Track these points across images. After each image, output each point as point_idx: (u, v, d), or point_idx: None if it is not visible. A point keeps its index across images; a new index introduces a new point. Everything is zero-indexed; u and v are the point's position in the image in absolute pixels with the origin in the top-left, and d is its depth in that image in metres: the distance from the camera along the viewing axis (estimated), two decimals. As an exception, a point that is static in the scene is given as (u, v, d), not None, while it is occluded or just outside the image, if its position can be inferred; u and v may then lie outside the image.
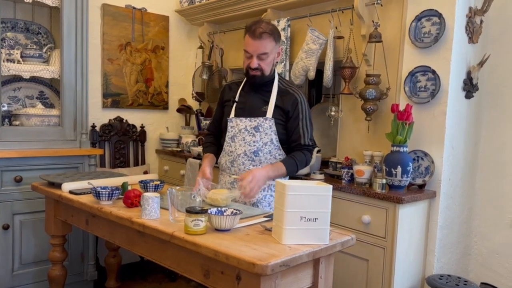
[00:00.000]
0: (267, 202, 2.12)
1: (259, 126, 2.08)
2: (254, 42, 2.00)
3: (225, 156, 2.18)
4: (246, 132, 2.09)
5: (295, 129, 2.08)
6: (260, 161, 2.09)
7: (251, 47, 2.02)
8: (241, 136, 2.10)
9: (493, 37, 2.50)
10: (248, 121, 2.10)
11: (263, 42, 1.99)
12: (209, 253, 1.39)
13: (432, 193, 2.29)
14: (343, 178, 2.42)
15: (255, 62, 2.03)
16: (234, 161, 2.13)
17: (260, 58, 2.03)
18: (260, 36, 1.99)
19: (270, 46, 2.03)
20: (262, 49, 2.01)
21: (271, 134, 2.08)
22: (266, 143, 2.09)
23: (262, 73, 2.06)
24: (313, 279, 1.52)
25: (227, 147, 2.16)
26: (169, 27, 3.77)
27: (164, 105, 3.80)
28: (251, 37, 2.00)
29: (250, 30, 2.01)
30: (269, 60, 2.05)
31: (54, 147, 2.72)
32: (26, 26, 2.93)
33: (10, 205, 2.56)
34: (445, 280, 2.19)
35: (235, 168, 2.13)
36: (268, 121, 2.08)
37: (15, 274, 2.60)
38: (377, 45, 2.48)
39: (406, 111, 2.22)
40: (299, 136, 2.08)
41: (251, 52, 2.03)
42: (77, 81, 2.78)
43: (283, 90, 2.12)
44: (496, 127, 2.53)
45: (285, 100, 2.09)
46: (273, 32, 2.03)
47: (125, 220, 1.72)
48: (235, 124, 2.13)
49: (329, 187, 1.47)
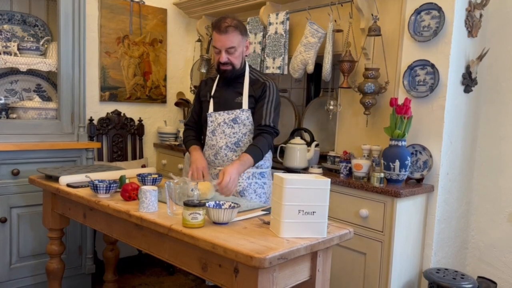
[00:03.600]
0: (252, 190, 2.20)
1: (237, 118, 2.16)
2: (221, 37, 2.06)
3: (208, 150, 2.24)
4: (225, 125, 2.17)
5: (258, 110, 2.15)
6: (242, 151, 2.16)
7: (219, 42, 2.08)
8: (220, 129, 2.18)
9: (492, 31, 2.49)
10: (226, 114, 2.17)
11: (229, 36, 2.06)
12: (207, 246, 1.39)
13: (430, 187, 2.29)
14: (341, 172, 2.42)
15: (224, 57, 2.10)
16: (217, 154, 2.20)
17: (229, 52, 2.09)
18: (226, 31, 2.05)
19: (237, 40, 2.09)
20: (229, 43, 2.07)
21: (249, 125, 2.17)
22: (245, 133, 2.18)
23: (232, 67, 2.13)
24: (311, 272, 1.52)
25: (209, 141, 2.23)
26: (167, 20, 3.75)
27: (162, 98, 3.79)
28: (218, 32, 2.07)
29: (216, 26, 2.08)
30: (237, 54, 2.11)
31: (51, 140, 2.71)
32: (23, 18, 2.91)
33: (7, 198, 2.56)
34: (442, 274, 2.20)
35: (219, 160, 2.21)
36: (245, 112, 2.16)
37: (13, 268, 2.60)
38: (376, 39, 2.47)
39: (405, 105, 2.21)
40: (260, 116, 2.14)
41: (219, 47, 2.09)
42: (74, 74, 2.77)
43: (254, 80, 2.19)
44: (495, 122, 2.53)
45: (255, 88, 2.17)
46: (238, 26, 2.08)
47: (123, 213, 1.72)
48: (214, 118, 2.20)
49: (327, 180, 1.47)
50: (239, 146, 2.18)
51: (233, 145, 2.18)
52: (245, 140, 2.18)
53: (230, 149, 2.18)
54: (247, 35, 2.19)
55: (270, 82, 2.19)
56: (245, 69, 2.21)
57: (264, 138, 2.11)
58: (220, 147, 2.18)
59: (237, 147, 2.18)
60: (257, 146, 2.08)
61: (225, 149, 2.18)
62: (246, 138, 2.18)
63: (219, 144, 2.18)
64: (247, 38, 2.18)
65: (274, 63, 2.94)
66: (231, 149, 2.18)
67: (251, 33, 3.13)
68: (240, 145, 2.18)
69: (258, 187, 2.23)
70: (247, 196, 2.19)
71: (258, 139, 2.11)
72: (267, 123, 2.13)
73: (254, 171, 2.22)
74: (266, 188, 2.26)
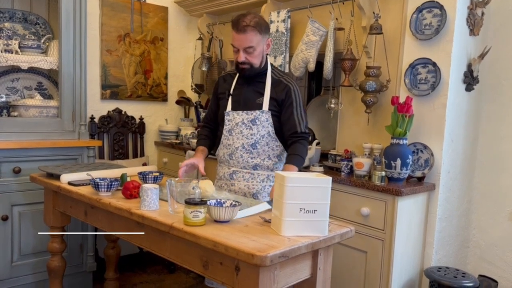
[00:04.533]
0: (266, 193, 2.13)
1: (256, 119, 2.08)
2: (239, 36, 1.99)
3: (223, 149, 2.18)
4: (243, 125, 2.10)
5: (290, 117, 2.08)
6: (258, 153, 2.10)
7: (237, 41, 2.01)
8: (238, 130, 2.11)
9: (494, 30, 2.48)
10: (245, 114, 2.10)
11: (247, 36, 1.98)
12: (208, 244, 1.39)
13: (431, 185, 2.29)
14: (342, 170, 2.42)
15: (242, 56, 2.02)
16: (232, 154, 2.13)
17: (247, 51, 2.02)
18: (244, 30, 1.97)
19: (256, 39, 2.00)
20: (247, 43, 2.00)
21: (268, 127, 2.09)
22: (263, 135, 2.09)
23: (251, 66, 2.06)
24: (312, 271, 1.52)
25: (225, 140, 2.16)
26: (168, 18, 3.75)
27: (163, 97, 3.79)
28: (236, 31, 2.00)
29: (234, 24, 2.01)
30: (256, 53, 2.04)
31: (52, 138, 2.71)
32: (24, 16, 2.91)
33: (9, 196, 2.56)
34: (443, 272, 2.20)
35: (234, 160, 2.14)
36: (264, 114, 2.08)
37: (14, 265, 2.60)
38: (377, 37, 2.47)
39: (406, 104, 2.21)
40: (294, 124, 2.08)
41: (237, 46, 2.03)
42: (75, 72, 2.76)
43: (276, 80, 2.11)
44: (496, 120, 2.52)
45: (278, 91, 2.09)
46: (257, 25, 2.00)
47: (124, 211, 1.72)
48: (232, 118, 2.13)
49: (329, 179, 1.47)
50: (255, 148, 2.09)
51: (249, 147, 2.10)
52: (262, 143, 2.09)
53: (246, 151, 2.10)
54: (268, 33, 2.10)
55: (293, 85, 2.11)
56: (266, 68, 2.12)
57: (302, 145, 2.06)
58: (236, 147, 2.11)
59: (253, 149, 2.09)
60: (298, 155, 2.02)
61: (241, 150, 2.10)
62: (264, 140, 2.09)
63: (235, 145, 2.11)
64: (268, 36, 2.09)
65: (275, 61, 2.93)
66: (247, 151, 2.10)
67: (252, 31, 3.12)
68: (256, 147, 2.09)
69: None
70: (261, 199, 2.10)
71: (296, 147, 2.05)
72: (303, 130, 2.08)
73: (269, 173, 2.14)
74: None
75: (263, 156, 2.10)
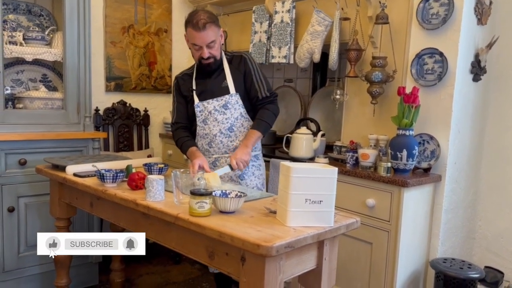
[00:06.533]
0: (251, 172, 2.24)
1: (228, 103, 2.17)
2: (200, 34, 2.05)
3: (200, 140, 2.25)
4: (216, 112, 2.17)
5: (251, 86, 2.19)
6: (236, 136, 2.20)
7: (199, 39, 2.07)
8: (212, 117, 2.18)
9: (502, 19, 2.45)
10: (215, 101, 2.18)
11: (208, 32, 2.05)
12: (214, 235, 1.39)
13: (438, 176, 2.28)
14: (348, 162, 2.40)
15: (206, 52, 2.10)
16: (211, 142, 2.21)
17: (209, 46, 2.09)
18: (204, 27, 2.04)
19: (215, 33, 2.09)
20: (209, 38, 2.07)
21: (239, 108, 2.19)
22: (236, 117, 2.19)
23: (214, 60, 2.14)
24: (317, 261, 1.52)
25: (201, 131, 2.23)
26: (172, 9, 3.73)
27: (167, 89, 3.78)
28: (196, 30, 2.05)
29: (192, 23, 2.06)
30: (217, 46, 2.13)
31: (57, 130, 2.71)
32: (28, 8, 2.90)
33: (15, 188, 2.57)
34: (449, 264, 2.19)
35: (214, 148, 2.22)
36: (234, 96, 2.17)
37: (21, 256, 2.62)
38: (384, 27, 2.44)
39: (413, 94, 2.19)
40: (256, 91, 2.19)
41: (200, 44, 2.08)
42: (80, 64, 2.76)
43: (229, 58, 2.24)
44: (503, 111, 2.50)
45: (236, 63, 2.21)
46: (213, 19, 2.09)
47: (130, 202, 1.72)
48: (203, 108, 2.20)
49: (335, 169, 1.46)
50: (232, 131, 2.19)
51: (226, 131, 2.19)
52: (237, 124, 2.19)
53: (225, 135, 2.19)
54: (219, 25, 2.18)
55: (246, 54, 2.23)
56: (222, 56, 2.22)
57: (267, 109, 2.17)
58: (214, 134, 2.19)
59: (230, 132, 2.19)
60: (262, 120, 2.14)
61: (219, 136, 2.19)
62: (238, 122, 2.19)
63: (213, 132, 2.19)
64: (220, 27, 2.18)
65: (280, 52, 2.91)
66: (225, 135, 2.19)
67: (257, 22, 3.10)
68: (233, 130, 2.19)
69: (256, 169, 2.27)
70: (247, 179, 2.21)
71: (261, 112, 2.17)
72: (264, 94, 2.18)
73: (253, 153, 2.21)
74: (261, 169, 2.31)
75: (241, 137, 2.20)
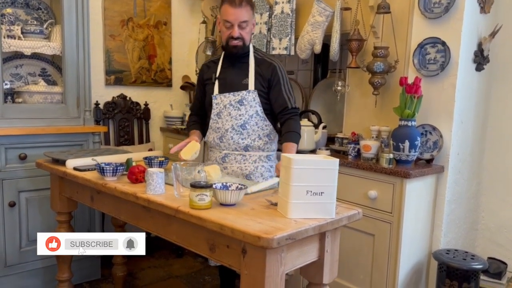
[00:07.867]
0: (259, 173, 2.19)
1: (243, 100, 2.12)
2: (235, 10, 2.02)
3: (212, 133, 2.21)
4: (231, 106, 2.13)
5: (279, 95, 2.13)
6: (248, 134, 2.14)
7: (232, 15, 2.03)
8: (226, 112, 2.14)
9: (505, 7, 2.41)
10: (232, 95, 2.13)
11: (243, 10, 2.03)
12: (215, 227, 1.38)
13: (440, 167, 2.26)
14: (350, 153, 2.39)
15: (236, 31, 2.06)
16: (222, 137, 2.17)
17: (241, 26, 2.06)
18: (240, 4, 2.02)
19: (249, 15, 2.07)
20: (243, 17, 2.04)
21: (256, 106, 2.13)
22: (251, 115, 2.13)
23: (243, 43, 2.09)
24: (319, 253, 1.51)
25: (213, 124, 2.19)
26: (171, 1, 3.70)
27: (167, 82, 3.76)
28: (232, 5, 2.03)
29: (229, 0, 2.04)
30: (248, 29, 2.09)
31: (57, 124, 2.70)
32: (26, 1, 2.87)
33: (16, 182, 2.56)
34: (452, 255, 2.18)
35: (224, 143, 2.18)
36: (251, 93, 2.11)
37: (23, 251, 2.62)
38: (385, 16, 2.41)
39: (415, 84, 2.17)
40: (284, 101, 2.13)
41: (232, 21, 2.04)
42: (79, 57, 2.74)
43: (260, 59, 2.16)
44: (507, 101, 2.47)
45: (263, 69, 2.13)
46: (250, 2, 2.08)
47: (130, 196, 1.71)
48: (219, 101, 2.16)
49: (336, 160, 1.44)
50: (245, 129, 2.13)
51: (239, 128, 2.13)
52: (251, 123, 2.13)
53: (236, 132, 2.14)
54: (254, 13, 2.17)
55: (277, 64, 2.16)
56: (249, 49, 2.16)
57: (296, 121, 2.11)
58: (226, 129, 2.15)
59: (243, 130, 2.13)
60: (295, 132, 2.08)
61: (231, 131, 2.14)
62: (253, 120, 2.13)
63: (225, 127, 2.15)
64: (254, 14, 2.16)
65: (281, 43, 2.89)
66: (237, 132, 2.14)
67: (257, 13, 3.07)
68: (246, 127, 2.13)
69: (265, 171, 2.20)
70: (254, 180, 2.15)
71: (290, 123, 2.10)
72: (293, 105, 2.14)
73: (261, 154, 2.19)
74: (273, 171, 2.23)
75: (253, 136, 2.15)
